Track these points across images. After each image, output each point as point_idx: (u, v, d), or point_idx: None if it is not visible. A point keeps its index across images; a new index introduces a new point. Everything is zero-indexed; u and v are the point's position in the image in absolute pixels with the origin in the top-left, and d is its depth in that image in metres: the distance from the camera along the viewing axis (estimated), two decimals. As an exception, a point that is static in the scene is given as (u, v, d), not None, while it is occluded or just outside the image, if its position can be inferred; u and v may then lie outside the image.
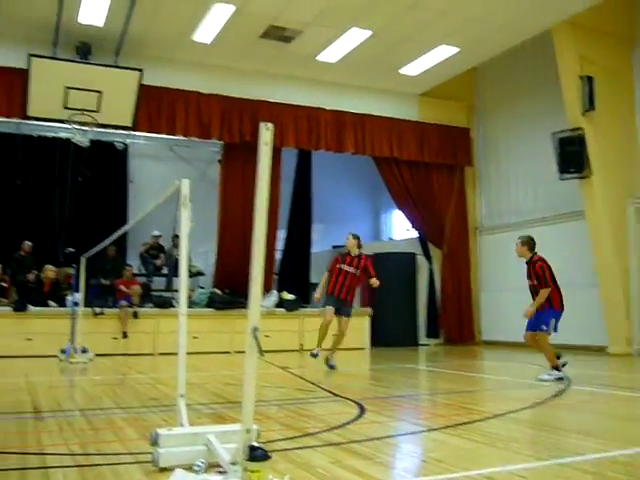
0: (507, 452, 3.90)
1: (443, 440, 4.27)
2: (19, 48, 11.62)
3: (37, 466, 3.55)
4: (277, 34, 12.04)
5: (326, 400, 6.31)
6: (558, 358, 7.75)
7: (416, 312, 15.04)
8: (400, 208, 15.57)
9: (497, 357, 12.31)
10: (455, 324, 15.19)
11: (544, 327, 7.67)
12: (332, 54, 12.90)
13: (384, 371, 9.82)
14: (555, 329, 7.73)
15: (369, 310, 14.03)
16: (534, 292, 7.83)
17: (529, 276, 7.91)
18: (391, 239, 17.80)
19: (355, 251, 9.16)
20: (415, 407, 6.18)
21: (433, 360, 12.00)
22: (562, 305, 7.79)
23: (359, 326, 13.62)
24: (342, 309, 9.08)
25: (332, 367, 9.02)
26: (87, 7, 10.88)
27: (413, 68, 13.64)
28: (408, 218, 15.57)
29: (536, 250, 8.00)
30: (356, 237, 9.21)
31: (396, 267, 14.71)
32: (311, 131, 14.06)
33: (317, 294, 9.37)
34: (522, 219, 14.06)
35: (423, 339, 15.05)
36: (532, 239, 8.04)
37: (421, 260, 15.38)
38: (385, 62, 13.31)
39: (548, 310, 7.71)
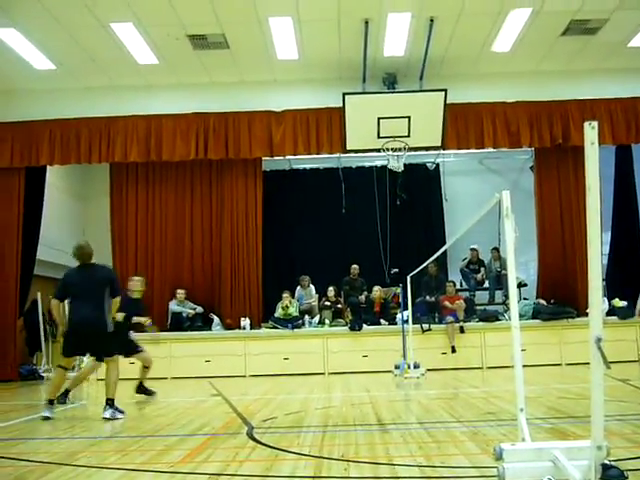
0: None
1: None
2: (332, 89, 12.63)
3: (388, 476, 3.79)
4: (580, 28, 11.45)
5: (679, 415, 5.76)
6: None
7: None
8: None
9: None
10: None
11: None
12: (645, 37, 11.87)
13: None
14: None
15: None
16: None
17: None
18: None
19: None
20: None
21: None
22: None
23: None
24: None
25: None
26: (390, 40, 11.53)
27: None
28: None
29: None
30: None
31: None
32: (629, 124, 13.01)
33: None
34: None
35: None
36: None
37: None
38: None
39: None
